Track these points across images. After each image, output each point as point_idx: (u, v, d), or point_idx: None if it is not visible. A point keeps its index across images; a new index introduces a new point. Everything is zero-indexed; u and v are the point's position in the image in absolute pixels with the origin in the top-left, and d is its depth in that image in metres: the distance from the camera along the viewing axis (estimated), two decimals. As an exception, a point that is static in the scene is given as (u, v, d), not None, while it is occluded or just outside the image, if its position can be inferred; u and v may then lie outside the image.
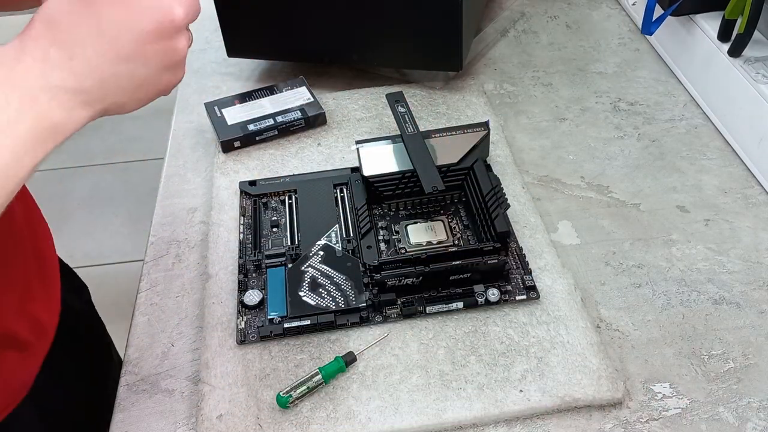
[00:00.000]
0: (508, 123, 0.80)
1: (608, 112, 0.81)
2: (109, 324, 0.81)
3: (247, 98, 0.80)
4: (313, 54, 0.85)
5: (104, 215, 1.91)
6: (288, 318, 0.57)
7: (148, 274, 0.64)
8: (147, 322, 0.60)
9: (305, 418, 0.51)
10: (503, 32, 0.96)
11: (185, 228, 0.69)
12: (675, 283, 0.61)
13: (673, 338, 0.57)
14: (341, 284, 0.59)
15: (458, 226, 0.65)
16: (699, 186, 0.71)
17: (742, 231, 0.66)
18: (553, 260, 0.62)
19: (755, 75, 0.70)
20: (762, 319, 0.58)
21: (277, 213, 0.67)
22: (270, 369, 0.55)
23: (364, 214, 0.62)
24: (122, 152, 2.07)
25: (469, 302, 0.58)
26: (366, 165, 0.66)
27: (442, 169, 0.64)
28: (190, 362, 0.57)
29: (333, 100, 0.82)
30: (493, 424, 0.51)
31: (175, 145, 0.79)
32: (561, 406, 0.52)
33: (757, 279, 0.61)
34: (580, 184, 0.72)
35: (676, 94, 0.83)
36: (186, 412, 0.53)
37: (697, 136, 0.77)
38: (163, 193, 0.73)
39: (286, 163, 0.74)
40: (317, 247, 0.62)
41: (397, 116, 0.69)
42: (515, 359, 0.54)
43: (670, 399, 0.53)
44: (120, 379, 0.56)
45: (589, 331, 0.56)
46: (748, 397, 0.53)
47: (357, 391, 0.53)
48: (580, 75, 0.87)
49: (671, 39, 0.86)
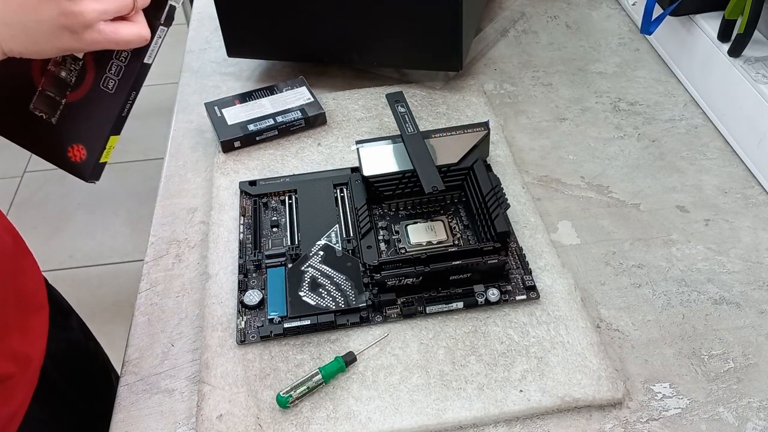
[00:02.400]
0: (508, 123, 0.80)
1: (608, 112, 0.81)
2: (109, 324, 0.81)
3: (247, 98, 0.80)
4: (313, 54, 0.85)
5: (104, 215, 1.91)
6: (288, 318, 0.57)
7: (148, 274, 0.64)
8: (147, 322, 0.60)
9: (305, 418, 0.51)
10: (503, 32, 0.96)
11: (185, 228, 0.69)
12: (675, 283, 0.61)
13: (673, 338, 0.57)
14: (341, 284, 0.59)
15: (458, 226, 0.65)
16: (699, 186, 0.71)
17: (742, 231, 0.66)
18: (553, 260, 0.62)
19: (755, 75, 0.70)
20: (762, 319, 0.58)
21: (277, 213, 0.67)
22: (270, 369, 0.55)
23: (364, 214, 0.62)
24: (122, 152, 2.06)
25: (469, 302, 0.58)
26: (366, 165, 0.66)
27: (442, 169, 0.64)
28: (190, 362, 0.57)
29: (333, 100, 0.82)
30: (493, 424, 0.51)
31: (175, 145, 0.79)
32: (561, 406, 0.52)
33: (757, 279, 0.61)
34: (580, 184, 0.72)
35: (676, 94, 0.83)
36: (186, 412, 0.53)
37: (697, 136, 0.77)
38: (163, 193, 0.73)
39: (286, 163, 0.74)
40: (317, 247, 0.62)
41: (397, 116, 0.70)
42: (515, 359, 0.54)
43: (670, 399, 0.53)
44: (120, 379, 0.56)
45: (589, 331, 0.56)
46: (748, 397, 0.53)
47: (357, 391, 0.53)
48: (580, 75, 0.87)
49: (671, 39, 0.86)
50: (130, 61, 0.48)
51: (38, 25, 0.39)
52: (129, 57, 0.48)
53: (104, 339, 0.80)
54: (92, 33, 0.42)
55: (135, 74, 0.48)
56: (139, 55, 0.48)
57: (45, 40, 0.40)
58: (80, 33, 0.41)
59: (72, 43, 0.42)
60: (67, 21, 0.40)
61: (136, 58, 0.48)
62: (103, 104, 0.49)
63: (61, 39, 0.41)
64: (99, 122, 0.49)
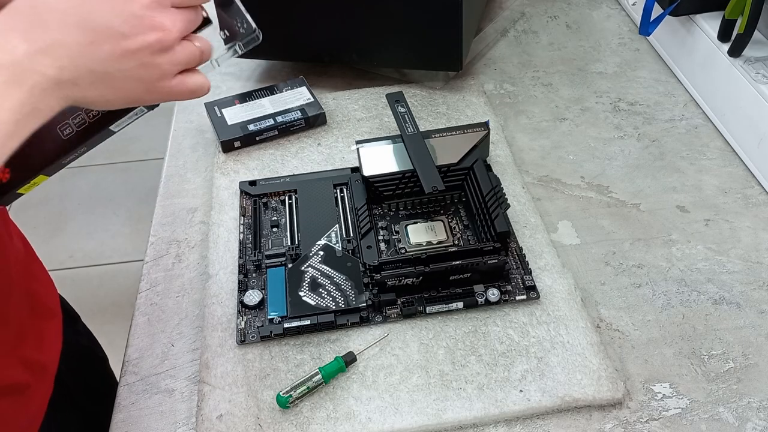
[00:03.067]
0: (508, 123, 0.80)
1: (608, 112, 0.81)
2: (109, 324, 0.81)
3: (247, 98, 0.80)
4: (313, 54, 0.85)
5: (104, 215, 1.91)
6: (288, 318, 0.57)
7: (148, 274, 0.64)
8: (147, 322, 0.60)
9: (305, 418, 0.51)
10: (503, 32, 0.96)
11: (185, 228, 0.69)
12: (675, 283, 0.61)
13: (673, 338, 0.57)
14: (341, 284, 0.59)
15: (458, 226, 0.65)
16: (699, 186, 0.71)
17: (742, 231, 0.66)
18: (553, 260, 0.62)
19: (755, 75, 0.70)
20: (762, 319, 0.58)
21: (277, 213, 0.67)
22: (270, 369, 0.55)
23: (364, 214, 0.62)
24: (122, 152, 2.07)
25: (469, 302, 0.58)
26: (366, 165, 0.66)
27: (442, 169, 0.64)
28: (190, 362, 0.57)
29: (333, 100, 0.82)
30: (493, 424, 0.51)
31: (175, 145, 0.79)
32: (561, 406, 0.52)
33: (757, 279, 0.61)
34: (580, 184, 0.72)
35: (676, 94, 0.83)
36: (186, 412, 0.53)
37: (697, 136, 0.77)
38: (163, 193, 0.73)
39: (286, 163, 0.74)
40: (317, 247, 0.62)
41: (397, 116, 0.69)
42: (515, 359, 0.54)
43: (670, 399, 0.53)
44: (120, 379, 0.56)
45: (589, 331, 0.56)
46: (748, 397, 0.53)
47: (357, 391, 0.53)
48: (580, 75, 0.87)
49: (671, 39, 0.86)
50: (98, 120, 0.46)
51: (121, 73, 0.39)
52: (98, 116, 0.46)
53: (104, 339, 0.80)
54: (163, 84, 0.41)
55: (95, 134, 0.46)
56: (110, 120, 0.46)
57: (121, 89, 0.40)
58: (154, 83, 0.41)
59: (142, 95, 0.41)
60: (145, 72, 0.40)
61: (105, 120, 0.46)
62: (49, 145, 0.46)
63: (135, 90, 0.40)
64: (37, 159, 0.46)
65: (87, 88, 0.38)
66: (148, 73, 0.40)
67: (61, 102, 0.38)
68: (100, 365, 0.78)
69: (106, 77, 0.38)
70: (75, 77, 0.37)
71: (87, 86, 0.38)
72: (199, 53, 0.42)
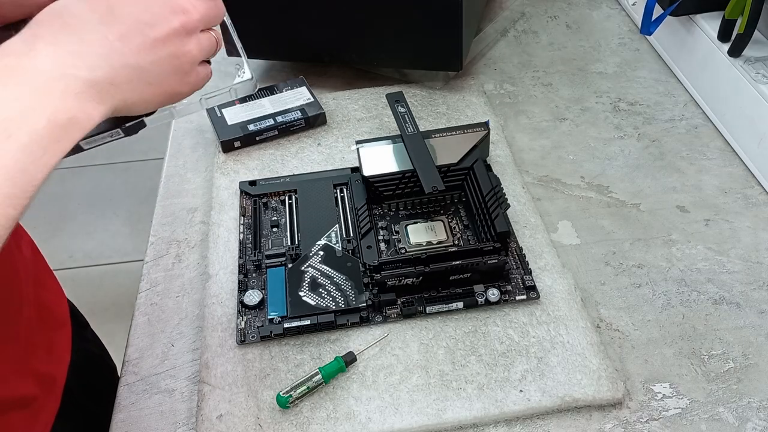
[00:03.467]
0: (508, 123, 0.80)
1: (608, 112, 0.81)
2: (109, 324, 0.81)
3: (247, 98, 0.80)
4: (313, 54, 0.85)
5: (104, 215, 1.91)
6: (288, 318, 0.57)
7: (148, 274, 0.64)
8: (147, 322, 0.60)
9: (305, 418, 0.51)
10: (503, 32, 0.96)
11: (185, 228, 0.69)
12: (675, 283, 0.61)
13: (673, 338, 0.57)
14: (341, 284, 0.59)
15: (458, 226, 0.65)
16: (699, 186, 0.71)
17: (742, 231, 0.66)
18: (553, 260, 0.62)
19: (755, 75, 0.70)
20: (762, 319, 0.58)
21: (277, 213, 0.67)
22: (270, 369, 0.55)
23: (364, 214, 0.62)
24: (122, 152, 2.07)
25: (469, 302, 0.58)
26: (366, 165, 0.66)
27: (442, 169, 0.64)
28: (190, 362, 0.57)
29: (333, 100, 0.82)
30: (493, 424, 0.51)
31: (175, 145, 0.79)
32: (561, 406, 0.52)
33: (757, 279, 0.61)
34: (580, 184, 0.72)
35: (676, 94, 0.83)
36: (186, 412, 0.53)
37: (697, 136, 0.77)
38: (163, 193, 0.73)
39: (286, 163, 0.74)
40: (317, 247, 0.62)
41: (397, 116, 0.69)
42: (515, 359, 0.54)
43: (670, 399, 0.53)
44: (120, 379, 0.56)
45: (589, 331, 0.56)
46: (748, 397, 0.53)
47: (357, 391, 0.53)
48: (580, 75, 0.87)
49: (671, 39, 0.86)
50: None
51: (155, 66, 0.38)
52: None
53: (104, 339, 0.80)
54: (194, 73, 0.41)
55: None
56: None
57: (159, 84, 0.39)
58: (188, 73, 0.40)
59: (178, 87, 0.40)
60: (178, 62, 0.39)
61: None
62: None
63: (171, 82, 0.39)
64: None
65: (125, 89, 0.37)
66: (180, 61, 0.39)
67: (99, 108, 0.36)
68: (108, 373, 0.76)
69: (143, 73, 0.38)
70: (111, 76, 0.36)
71: (124, 85, 0.37)
72: (215, 42, 0.42)
